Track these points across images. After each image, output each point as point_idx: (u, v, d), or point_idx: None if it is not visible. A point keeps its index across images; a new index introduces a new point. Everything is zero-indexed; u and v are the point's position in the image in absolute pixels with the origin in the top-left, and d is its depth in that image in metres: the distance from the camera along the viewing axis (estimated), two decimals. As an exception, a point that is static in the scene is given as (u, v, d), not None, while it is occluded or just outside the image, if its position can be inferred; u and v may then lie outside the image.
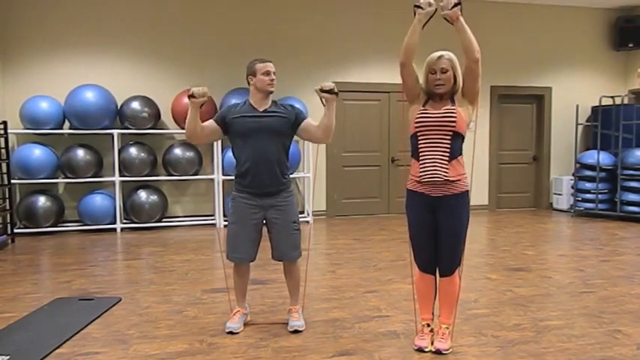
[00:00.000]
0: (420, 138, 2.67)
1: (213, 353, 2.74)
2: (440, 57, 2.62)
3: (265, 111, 2.98)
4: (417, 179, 2.69)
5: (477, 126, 7.65)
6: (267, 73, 2.97)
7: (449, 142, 2.61)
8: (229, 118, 2.98)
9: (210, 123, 3.01)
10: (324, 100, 2.95)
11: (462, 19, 2.51)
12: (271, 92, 3.00)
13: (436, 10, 2.58)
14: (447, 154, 2.61)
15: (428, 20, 2.60)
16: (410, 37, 2.59)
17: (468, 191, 2.68)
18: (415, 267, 2.83)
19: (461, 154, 2.67)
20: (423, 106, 2.68)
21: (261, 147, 2.93)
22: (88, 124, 6.25)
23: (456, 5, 2.49)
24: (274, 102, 3.05)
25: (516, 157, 8.39)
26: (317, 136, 3.05)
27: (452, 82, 2.62)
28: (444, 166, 2.61)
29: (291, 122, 3.02)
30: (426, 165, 2.64)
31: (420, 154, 2.67)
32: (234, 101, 6.06)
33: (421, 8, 2.56)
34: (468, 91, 2.64)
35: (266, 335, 2.99)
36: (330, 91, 2.90)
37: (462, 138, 2.66)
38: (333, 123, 2.99)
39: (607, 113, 7.53)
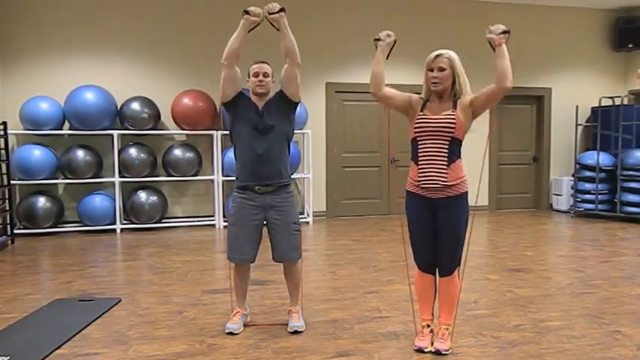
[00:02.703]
0: (419, 143, 2.68)
1: (213, 354, 2.74)
2: (438, 55, 2.62)
3: (264, 107, 3.00)
4: (416, 183, 2.70)
5: (475, 126, 7.63)
6: (256, 75, 2.99)
7: (447, 147, 2.62)
8: (241, 101, 2.99)
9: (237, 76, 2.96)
10: (274, 23, 2.92)
11: (504, 46, 2.51)
12: (260, 94, 3.00)
13: (396, 40, 2.72)
14: (446, 160, 2.62)
15: (390, 50, 2.72)
16: (375, 67, 2.72)
17: (466, 192, 2.69)
18: (414, 267, 2.84)
19: (459, 157, 2.68)
20: (421, 110, 2.69)
21: (263, 142, 2.94)
22: (88, 125, 6.25)
23: (504, 32, 2.51)
24: (270, 98, 3.05)
25: (516, 158, 8.39)
26: (288, 69, 2.97)
27: (450, 81, 2.62)
28: (443, 171, 2.62)
29: (284, 102, 3.02)
30: (425, 171, 2.65)
31: (420, 159, 2.68)
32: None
33: (381, 40, 2.70)
34: (480, 108, 2.63)
35: (266, 336, 2.99)
36: (275, 12, 2.87)
37: (460, 142, 2.67)
38: (293, 43, 2.92)
39: (607, 114, 7.54)
